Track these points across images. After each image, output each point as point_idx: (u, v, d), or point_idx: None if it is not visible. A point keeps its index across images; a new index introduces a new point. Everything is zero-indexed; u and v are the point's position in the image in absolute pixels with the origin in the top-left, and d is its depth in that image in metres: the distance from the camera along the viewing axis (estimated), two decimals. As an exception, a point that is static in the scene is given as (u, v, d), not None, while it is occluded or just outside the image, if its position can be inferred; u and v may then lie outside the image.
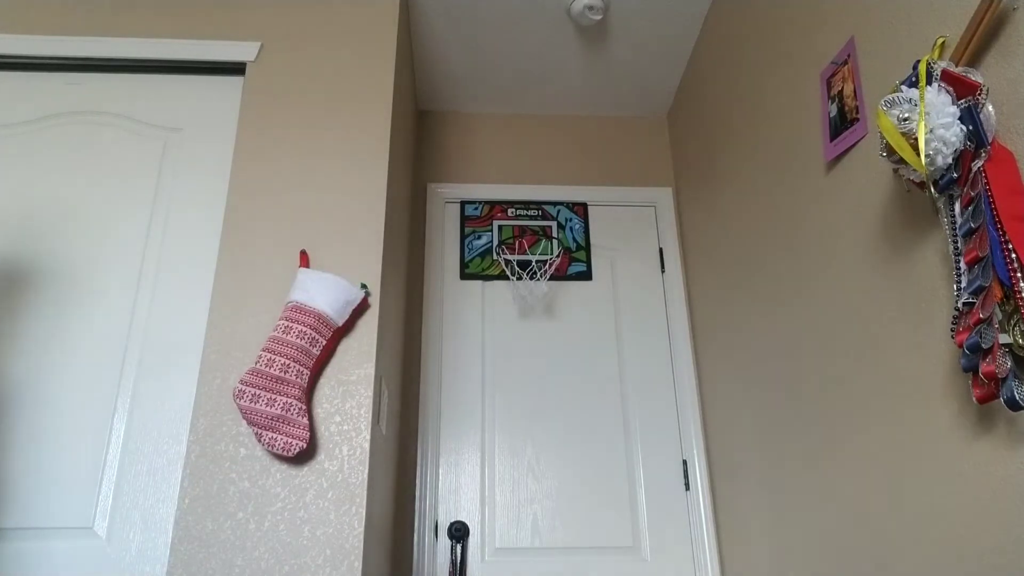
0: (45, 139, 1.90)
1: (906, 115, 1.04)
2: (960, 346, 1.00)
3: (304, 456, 1.56)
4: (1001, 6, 1.04)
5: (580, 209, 2.76)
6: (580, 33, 2.48)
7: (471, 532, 2.28)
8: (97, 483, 1.59)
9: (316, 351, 1.59)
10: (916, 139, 1.03)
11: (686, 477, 2.39)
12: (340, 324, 1.64)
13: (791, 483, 1.73)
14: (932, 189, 1.08)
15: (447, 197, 2.74)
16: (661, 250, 2.71)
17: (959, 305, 1.02)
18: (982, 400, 0.99)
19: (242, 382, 1.53)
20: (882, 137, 1.08)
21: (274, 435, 1.51)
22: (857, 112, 1.43)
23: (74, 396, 1.65)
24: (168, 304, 1.75)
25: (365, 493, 1.56)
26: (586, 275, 2.66)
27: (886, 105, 1.07)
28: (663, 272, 2.68)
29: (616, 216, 2.77)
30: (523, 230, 2.71)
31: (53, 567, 1.53)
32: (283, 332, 1.57)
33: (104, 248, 1.80)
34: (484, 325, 2.56)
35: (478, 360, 2.50)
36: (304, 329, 1.57)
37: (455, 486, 2.34)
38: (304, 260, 1.72)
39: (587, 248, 2.70)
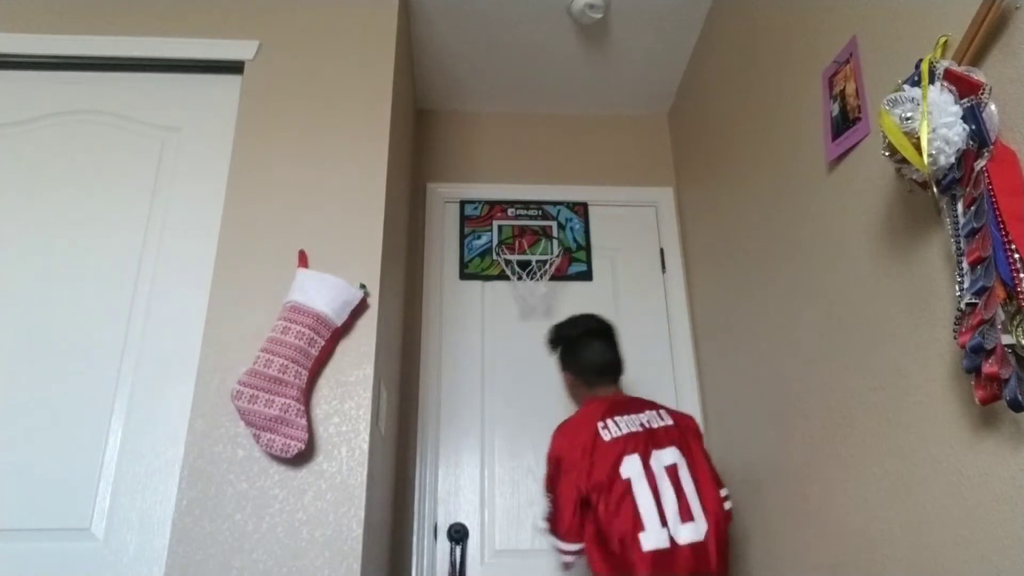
0: (41, 138, 1.89)
1: (909, 114, 1.03)
2: (962, 347, 0.99)
3: (303, 457, 1.56)
4: (1003, 5, 1.03)
5: (580, 209, 2.75)
6: (580, 31, 2.48)
7: (471, 534, 2.27)
8: (94, 484, 1.58)
9: (314, 352, 1.59)
10: (919, 138, 1.02)
11: (686, 478, 2.37)
12: (339, 325, 1.64)
13: (794, 486, 1.72)
14: (935, 189, 1.07)
15: (446, 197, 2.74)
16: (662, 250, 2.71)
17: (961, 306, 1.01)
18: (985, 401, 0.98)
19: (240, 383, 1.53)
20: (884, 136, 1.07)
21: (272, 436, 1.51)
22: (859, 111, 1.42)
23: (72, 397, 1.64)
24: (166, 304, 1.74)
25: (364, 494, 1.55)
26: (586, 275, 2.65)
27: (888, 104, 1.06)
28: (664, 272, 2.67)
29: (617, 216, 2.76)
30: (523, 230, 2.70)
31: (49, 569, 1.52)
32: (281, 332, 1.56)
33: (101, 247, 1.79)
34: (484, 325, 2.55)
35: (478, 361, 2.50)
36: (302, 330, 1.56)
37: (454, 488, 2.33)
38: (303, 260, 1.71)
39: (587, 248, 2.69)
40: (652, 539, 1.58)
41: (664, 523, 1.61)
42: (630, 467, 1.66)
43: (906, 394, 1.27)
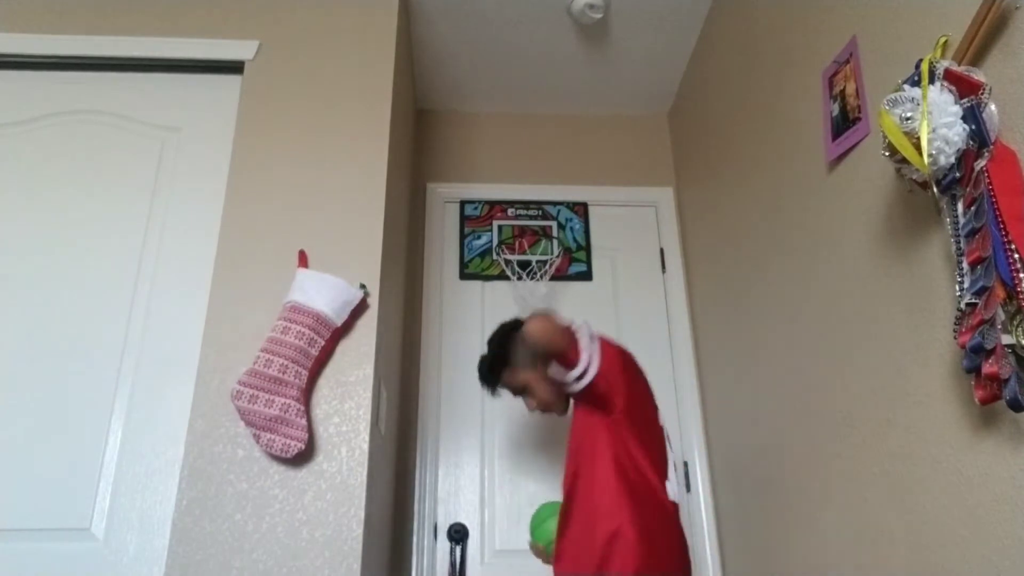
0: (41, 138, 1.89)
1: (909, 114, 1.03)
2: (962, 347, 0.99)
3: (303, 457, 1.56)
4: (1003, 5, 1.03)
5: (580, 209, 2.75)
6: (580, 32, 2.48)
7: (471, 534, 2.27)
8: (95, 484, 1.58)
9: (314, 352, 1.59)
10: (919, 138, 1.02)
11: (687, 479, 2.38)
12: (339, 325, 1.64)
13: (794, 486, 1.72)
14: (935, 189, 1.07)
15: (447, 197, 2.74)
16: (662, 250, 2.71)
17: (962, 306, 1.01)
18: (984, 401, 0.98)
19: (240, 383, 1.53)
20: (884, 136, 1.07)
21: (272, 436, 1.51)
22: (859, 111, 1.42)
23: (72, 397, 1.64)
24: (166, 304, 1.74)
25: (364, 494, 1.55)
26: (586, 275, 2.65)
27: (888, 104, 1.06)
28: (664, 272, 2.67)
29: (617, 216, 2.76)
30: (523, 230, 2.70)
31: (50, 568, 1.52)
32: (281, 332, 1.56)
33: (101, 247, 1.79)
34: (484, 325, 2.55)
35: (478, 360, 2.49)
36: (302, 330, 1.57)
37: (455, 488, 2.33)
38: (303, 260, 1.71)
39: (587, 248, 2.69)
40: (672, 490, 1.53)
41: (674, 480, 1.57)
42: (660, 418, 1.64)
43: (906, 394, 1.27)
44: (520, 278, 2.58)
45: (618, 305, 2.61)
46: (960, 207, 1.04)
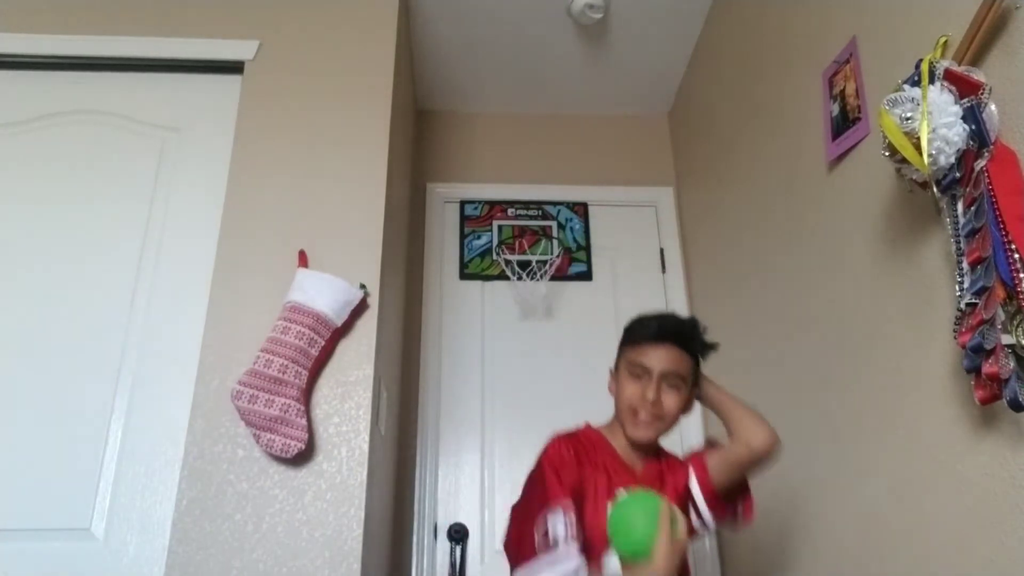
0: (41, 138, 1.88)
1: (909, 114, 1.03)
2: (962, 347, 0.99)
3: (302, 457, 1.55)
4: (1003, 5, 1.03)
5: (580, 209, 2.75)
6: (580, 31, 2.47)
7: (471, 534, 2.27)
8: (94, 484, 1.58)
9: (314, 352, 1.59)
10: (919, 138, 1.02)
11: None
12: (339, 325, 1.64)
13: (793, 486, 1.72)
14: (935, 189, 1.07)
15: (446, 197, 2.74)
16: (662, 250, 2.70)
17: (962, 306, 1.01)
18: (984, 401, 0.98)
19: (240, 383, 1.53)
20: (884, 136, 1.07)
21: (272, 436, 1.51)
22: (859, 111, 1.42)
23: (72, 397, 1.64)
24: (166, 304, 1.74)
25: (364, 495, 1.55)
26: (586, 275, 2.65)
27: (888, 104, 1.06)
28: (664, 272, 2.67)
29: (617, 216, 2.76)
30: (523, 230, 2.70)
31: (50, 568, 1.52)
32: (281, 332, 1.56)
33: (101, 247, 1.79)
34: (484, 325, 2.55)
35: (477, 360, 2.49)
36: (302, 330, 1.56)
37: (454, 488, 2.33)
38: (303, 260, 1.71)
39: (587, 248, 2.69)
40: None
41: None
42: None
43: (906, 394, 1.27)
44: (520, 278, 2.58)
45: (618, 305, 2.60)
46: (960, 207, 1.04)
